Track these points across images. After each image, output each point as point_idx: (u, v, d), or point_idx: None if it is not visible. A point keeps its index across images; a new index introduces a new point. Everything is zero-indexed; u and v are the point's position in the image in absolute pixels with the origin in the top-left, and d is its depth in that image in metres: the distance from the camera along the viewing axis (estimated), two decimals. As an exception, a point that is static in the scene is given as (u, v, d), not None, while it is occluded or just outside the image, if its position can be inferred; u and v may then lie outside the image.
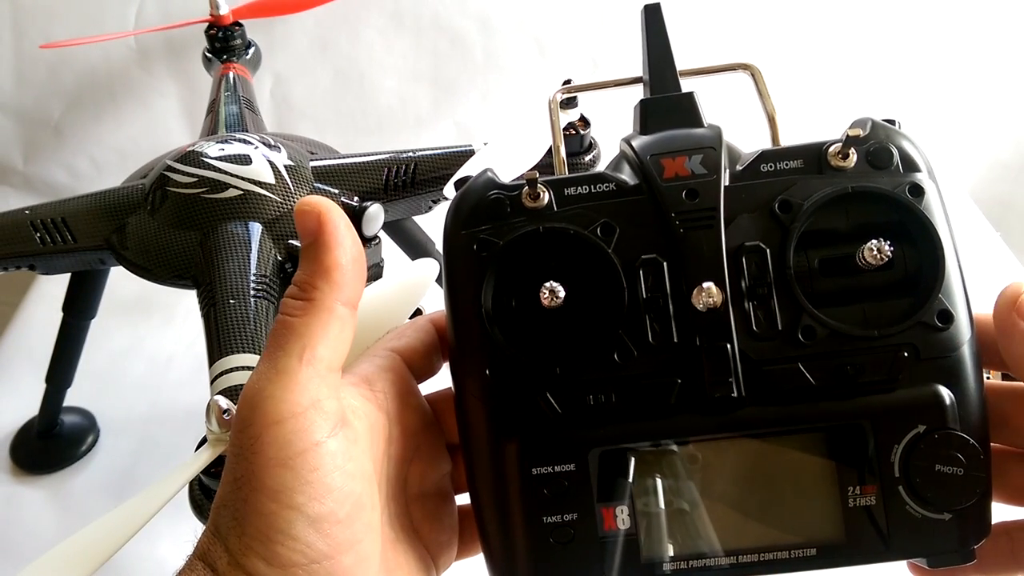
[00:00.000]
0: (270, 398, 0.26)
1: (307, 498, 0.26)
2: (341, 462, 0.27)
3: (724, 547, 0.29)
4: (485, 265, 0.30)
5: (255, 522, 0.25)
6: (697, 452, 0.29)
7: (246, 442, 0.26)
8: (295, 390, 0.26)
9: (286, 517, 0.25)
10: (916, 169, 0.30)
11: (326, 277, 0.28)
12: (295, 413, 0.26)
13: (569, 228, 0.30)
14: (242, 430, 0.26)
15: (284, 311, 0.28)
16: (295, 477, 0.25)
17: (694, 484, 0.30)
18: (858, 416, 0.29)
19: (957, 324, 0.29)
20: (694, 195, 0.30)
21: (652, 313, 0.29)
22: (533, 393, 0.29)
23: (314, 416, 0.26)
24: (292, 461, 0.26)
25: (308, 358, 0.27)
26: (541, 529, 0.29)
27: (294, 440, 0.26)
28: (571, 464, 0.29)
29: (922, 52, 1.06)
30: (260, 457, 0.26)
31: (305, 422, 0.26)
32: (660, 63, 0.34)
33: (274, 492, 0.25)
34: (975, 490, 0.28)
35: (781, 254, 0.29)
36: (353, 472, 0.27)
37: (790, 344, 0.29)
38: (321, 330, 0.27)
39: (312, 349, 0.27)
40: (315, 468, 0.26)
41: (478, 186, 0.31)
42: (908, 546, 0.29)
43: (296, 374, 0.26)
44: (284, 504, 0.25)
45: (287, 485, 0.25)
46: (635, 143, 0.32)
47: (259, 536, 0.25)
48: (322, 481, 0.26)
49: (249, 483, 0.26)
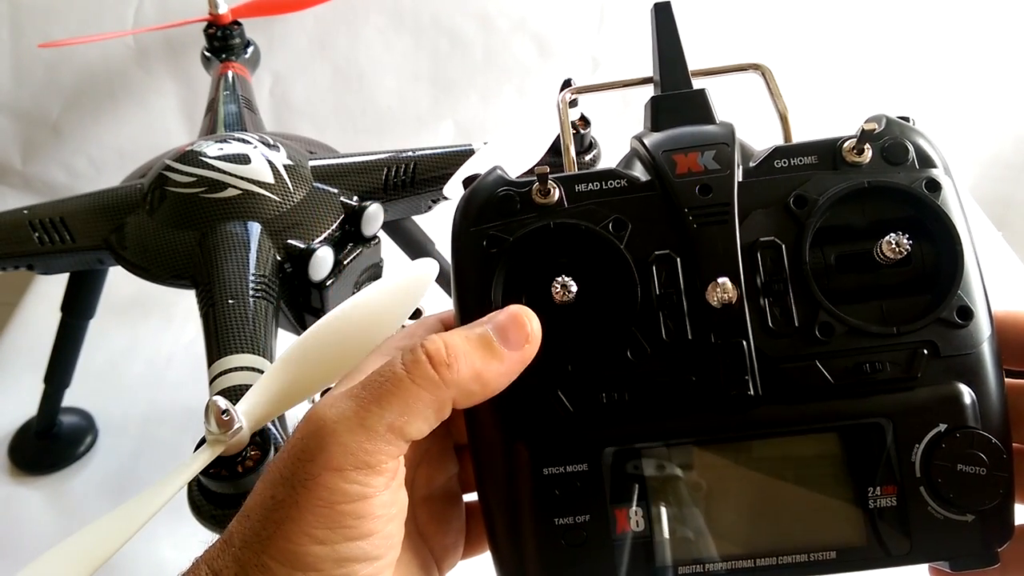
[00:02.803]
0: (342, 446, 0.25)
1: (342, 539, 0.25)
2: (387, 511, 0.26)
3: (741, 551, 0.29)
4: (495, 261, 0.30)
5: (281, 547, 0.25)
6: (713, 452, 0.29)
7: (300, 474, 0.25)
8: (369, 449, 0.25)
9: (315, 552, 0.25)
10: (932, 165, 0.30)
11: (475, 378, 0.26)
12: (359, 469, 0.25)
13: (581, 224, 0.30)
14: (300, 459, 0.26)
15: (408, 365, 0.26)
16: (337, 522, 0.25)
17: (710, 485, 0.29)
18: (877, 415, 0.28)
19: (977, 321, 0.28)
20: (707, 190, 0.29)
21: (666, 310, 0.29)
22: (545, 391, 0.29)
23: (376, 477, 0.26)
24: (339, 507, 0.25)
25: (398, 429, 0.26)
26: (552, 531, 0.29)
27: (348, 491, 0.25)
28: (583, 464, 0.29)
29: (923, 52, 1.06)
30: (310, 494, 0.25)
31: (365, 478, 0.25)
32: (671, 60, 0.34)
33: (311, 530, 0.25)
34: (998, 490, 0.28)
35: (797, 249, 0.29)
36: (394, 516, 0.27)
37: (807, 341, 0.28)
38: (425, 411, 0.26)
39: (406, 422, 0.26)
40: (361, 516, 0.25)
41: (487, 183, 0.31)
42: (930, 548, 0.28)
43: (378, 438, 0.25)
44: (317, 541, 0.25)
45: (326, 527, 0.25)
46: (647, 140, 0.31)
47: (281, 560, 0.25)
48: (363, 527, 0.25)
49: (287, 511, 0.25)
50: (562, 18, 1.04)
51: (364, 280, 0.60)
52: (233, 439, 0.34)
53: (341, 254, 0.58)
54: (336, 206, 0.59)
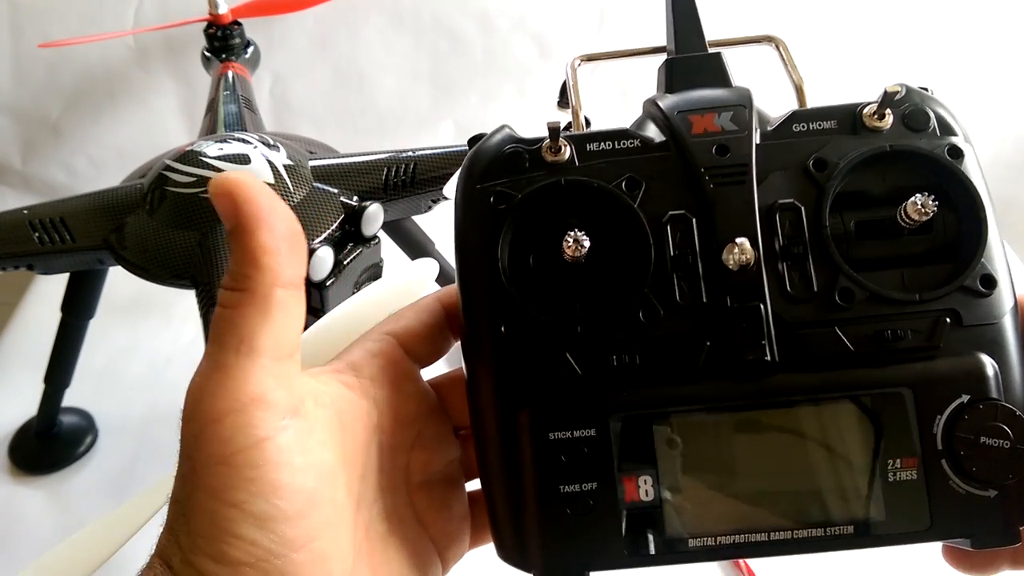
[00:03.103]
0: (209, 395, 0.25)
1: (249, 495, 0.25)
2: (288, 457, 0.25)
3: (754, 524, 0.28)
4: (502, 219, 0.29)
5: (199, 520, 0.25)
6: (727, 421, 0.28)
7: (188, 439, 0.25)
8: (232, 386, 0.25)
9: (227, 515, 0.24)
10: (953, 133, 0.29)
11: (255, 264, 0.25)
12: (233, 409, 0.25)
13: (593, 181, 0.29)
14: (184, 428, 0.26)
15: (220, 304, 0.26)
16: (235, 475, 0.25)
17: (723, 455, 0.28)
18: (898, 384, 0.27)
19: (1000, 290, 0.28)
20: (724, 150, 0.29)
21: (680, 271, 0.28)
22: (552, 354, 0.28)
23: (255, 411, 0.25)
24: (232, 459, 0.25)
25: (246, 351, 0.25)
26: (557, 499, 0.27)
27: (234, 437, 0.25)
28: (591, 429, 0.27)
29: (922, 52, 1.06)
30: (201, 454, 0.25)
31: (245, 418, 0.25)
32: (686, 23, 0.33)
33: (214, 490, 0.25)
34: (1022, 464, 0.27)
35: (817, 213, 0.28)
36: (303, 467, 0.26)
37: (827, 307, 0.28)
38: (259, 320, 0.25)
39: (250, 341, 0.25)
40: (257, 465, 0.25)
41: (495, 140, 0.30)
42: (950, 525, 0.27)
43: (233, 369, 0.25)
44: (225, 502, 0.24)
45: (227, 483, 0.24)
46: (661, 101, 0.30)
47: (204, 534, 0.25)
48: (265, 478, 0.25)
49: (192, 481, 0.25)
50: (562, 18, 1.03)
51: (364, 280, 0.60)
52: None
53: (341, 254, 0.58)
54: (336, 206, 0.59)
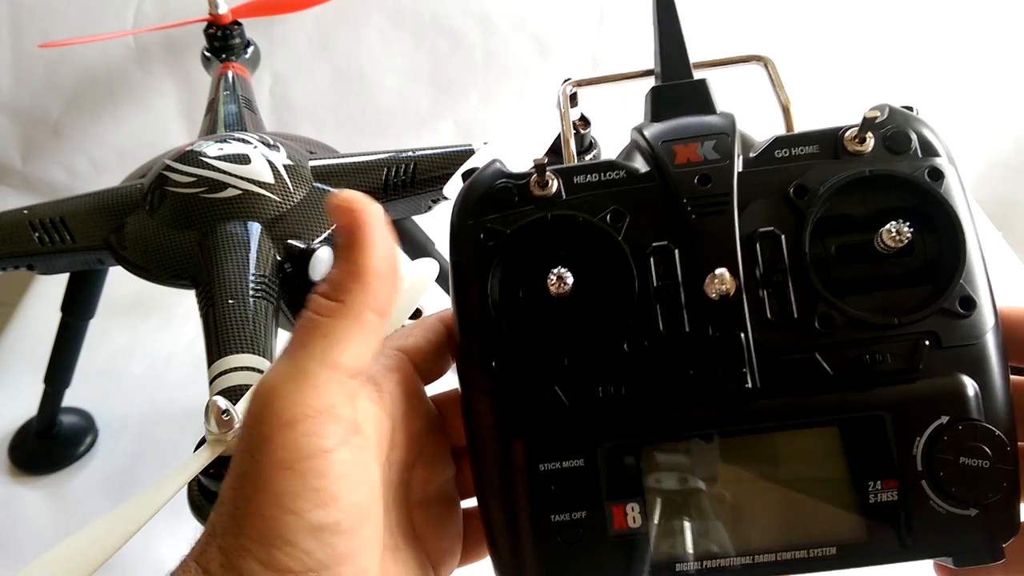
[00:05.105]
0: (285, 398, 0.25)
1: (311, 505, 0.25)
2: (349, 471, 0.26)
3: (739, 547, 0.28)
4: (492, 254, 0.29)
5: (255, 523, 0.25)
6: (710, 447, 0.28)
7: (255, 440, 0.25)
8: (311, 393, 0.25)
9: (287, 522, 0.24)
10: (935, 154, 0.30)
11: (360, 280, 0.26)
12: (308, 416, 0.25)
13: (578, 215, 0.29)
14: (252, 427, 0.25)
15: (312, 309, 0.27)
16: (301, 483, 0.25)
17: (708, 480, 0.28)
18: (877, 407, 0.28)
19: (980, 311, 0.28)
20: (706, 180, 0.29)
21: (663, 302, 0.28)
22: (541, 386, 0.28)
23: (327, 422, 0.25)
24: (300, 466, 0.25)
25: (330, 362, 0.26)
26: (549, 528, 0.28)
27: (304, 445, 0.25)
28: (580, 459, 0.28)
29: (922, 51, 1.06)
30: (268, 457, 0.25)
31: (318, 427, 0.25)
32: (672, 50, 0.34)
33: (277, 496, 0.25)
34: (1001, 483, 0.27)
35: (797, 240, 0.29)
36: (360, 482, 0.26)
37: (806, 333, 0.28)
38: (347, 335, 0.26)
39: (335, 353, 0.26)
40: (323, 475, 0.25)
41: (485, 176, 0.31)
42: (933, 544, 0.28)
43: (315, 377, 0.25)
44: (286, 509, 0.24)
45: (292, 490, 0.25)
46: (646, 130, 0.31)
47: (257, 538, 0.24)
48: (328, 489, 0.25)
49: (252, 482, 0.25)
50: (562, 18, 1.03)
51: (364, 280, 0.60)
52: (233, 439, 0.34)
53: (341, 254, 0.58)
54: (336, 206, 0.59)
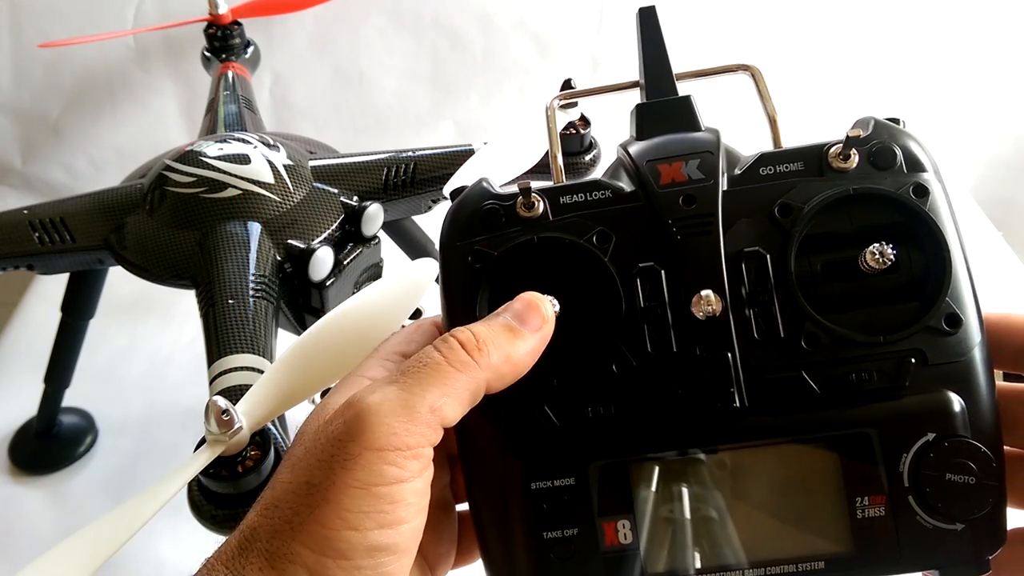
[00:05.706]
0: (385, 427, 0.25)
1: (376, 525, 0.25)
2: (417, 500, 0.26)
3: (728, 561, 0.29)
4: (480, 277, 0.30)
5: (313, 532, 0.25)
6: (699, 464, 0.29)
7: (341, 454, 0.25)
8: (411, 431, 0.26)
9: (347, 537, 0.25)
10: (921, 169, 0.29)
11: (506, 359, 0.27)
12: (399, 450, 0.25)
13: (564, 237, 0.30)
14: (342, 442, 0.26)
15: (444, 351, 0.27)
16: (373, 504, 0.25)
17: (696, 497, 0.29)
18: (864, 425, 0.28)
19: (966, 328, 0.28)
20: (691, 201, 0.29)
21: (650, 322, 0.29)
22: (531, 406, 0.29)
23: (412, 459, 0.26)
24: (376, 489, 0.25)
25: (438, 411, 0.26)
26: (542, 545, 0.29)
27: (386, 472, 0.25)
28: (571, 478, 0.29)
29: (922, 51, 1.06)
30: (348, 475, 0.25)
31: (403, 461, 0.26)
32: (656, 67, 0.34)
33: (346, 512, 0.25)
34: (987, 499, 0.27)
35: (782, 259, 0.29)
36: (422, 509, 0.27)
37: (793, 352, 0.28)
38: (462, 393, 0.27)
39: (446, 406, 0.26)
40: (395, 501, 0.25)
41: (472, 196, 0.31)
42: (920, 558, 0.28)
43: (420, 418, 0.26)
44: (351, 525, 0.25)
45: (360, 508, 0.25)
46: (631, 149, 0.31)
47: (313, 547, 0.25)
48: (397, 514, 0.25)
49: (323, 494, 0.25)
50: (562, 18, 1.04)
51: (364, 280, 0.60)
52: (233, 439, 0.34)
53: (341, 254, 0.58)
54: (336, 206, 0.59)
